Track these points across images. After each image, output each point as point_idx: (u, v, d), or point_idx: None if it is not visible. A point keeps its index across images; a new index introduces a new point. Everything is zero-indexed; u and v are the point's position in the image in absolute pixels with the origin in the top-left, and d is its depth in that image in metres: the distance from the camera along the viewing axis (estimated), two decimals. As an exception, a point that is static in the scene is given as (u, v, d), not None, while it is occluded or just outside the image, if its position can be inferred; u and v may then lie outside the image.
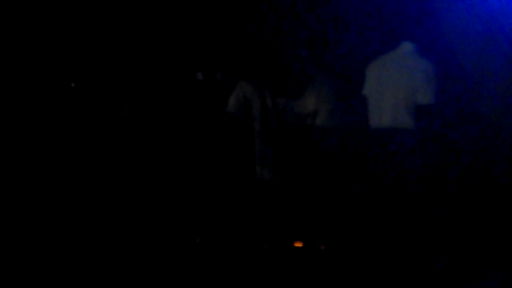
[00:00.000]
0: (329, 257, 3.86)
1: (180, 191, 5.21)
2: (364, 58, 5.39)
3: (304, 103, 4.70)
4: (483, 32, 5.29)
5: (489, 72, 5.28)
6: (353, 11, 5.69)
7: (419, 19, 5.29)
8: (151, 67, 5.86)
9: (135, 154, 5.54)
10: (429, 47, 5.25)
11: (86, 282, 3.74)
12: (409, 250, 4.07)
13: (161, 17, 5.99)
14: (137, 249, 4.17)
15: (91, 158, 5.48)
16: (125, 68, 5.81)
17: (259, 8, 5.72)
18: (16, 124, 5.55)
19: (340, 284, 3.57)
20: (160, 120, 5.73)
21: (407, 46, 5.24)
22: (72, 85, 5.78)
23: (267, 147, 4.65)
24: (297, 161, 4.69)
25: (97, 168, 5.42)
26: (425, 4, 5.34)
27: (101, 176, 5.38)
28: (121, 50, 5.88)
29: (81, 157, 5.49)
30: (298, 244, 3.93)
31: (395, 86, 5.13)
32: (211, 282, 3.57)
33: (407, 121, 5.01)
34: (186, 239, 4.02)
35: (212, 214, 4.59)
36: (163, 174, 5.47)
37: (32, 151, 5.47)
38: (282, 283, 3.57)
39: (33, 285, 3.81)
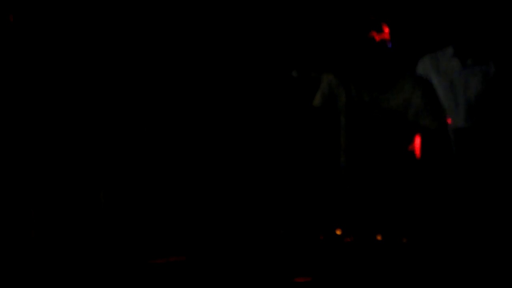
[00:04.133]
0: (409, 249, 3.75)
1: (266, 184, 5.57)
2: None
3: (392, 97, 4.45)
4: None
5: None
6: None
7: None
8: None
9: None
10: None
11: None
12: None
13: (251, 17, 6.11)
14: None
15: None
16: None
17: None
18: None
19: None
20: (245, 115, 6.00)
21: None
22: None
23: (353, 140, 4.54)
24: (383, 155, 4.56)
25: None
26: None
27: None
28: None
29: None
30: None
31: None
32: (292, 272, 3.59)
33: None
34: (271, 231, 4.03)
35: (296, 207, 4.65)
36: (248, 167, 5.79)
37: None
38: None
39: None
